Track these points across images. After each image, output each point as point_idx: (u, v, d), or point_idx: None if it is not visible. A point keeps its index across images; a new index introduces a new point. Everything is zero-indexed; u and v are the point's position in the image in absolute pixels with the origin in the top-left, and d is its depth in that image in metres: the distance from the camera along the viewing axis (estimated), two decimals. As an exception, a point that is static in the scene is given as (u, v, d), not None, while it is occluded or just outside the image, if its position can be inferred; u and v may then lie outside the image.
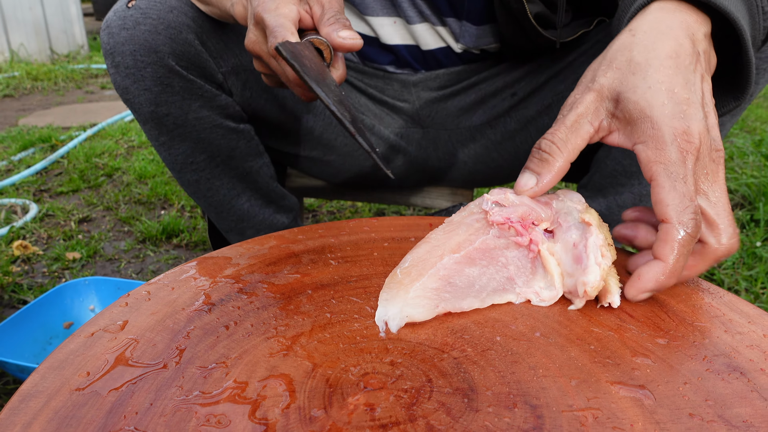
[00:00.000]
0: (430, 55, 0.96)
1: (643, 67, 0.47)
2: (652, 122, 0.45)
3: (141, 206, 1.90)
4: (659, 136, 0.45)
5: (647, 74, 0.47)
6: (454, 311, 0.46)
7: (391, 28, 0.93)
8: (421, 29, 0.92)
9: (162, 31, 0.77)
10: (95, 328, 0.43)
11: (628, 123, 0.47)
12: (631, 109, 0.46)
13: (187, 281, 0.50)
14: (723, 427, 0.34)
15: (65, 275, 1.48)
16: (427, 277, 0.46)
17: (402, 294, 0.45)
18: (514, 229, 0.48)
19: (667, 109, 0.45)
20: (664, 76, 0.47)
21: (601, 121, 0.48)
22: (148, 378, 0.38)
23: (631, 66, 0.48)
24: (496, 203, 0.49)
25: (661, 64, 0.47)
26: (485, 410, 0.36)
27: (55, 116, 3.10)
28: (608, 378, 0.39)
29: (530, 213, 0.48)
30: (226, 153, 0.89)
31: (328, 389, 0.38)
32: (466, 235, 0.48)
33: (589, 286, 0.45)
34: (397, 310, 0.44)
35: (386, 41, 0.95)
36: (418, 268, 0.47)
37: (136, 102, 0.81)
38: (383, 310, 0.45)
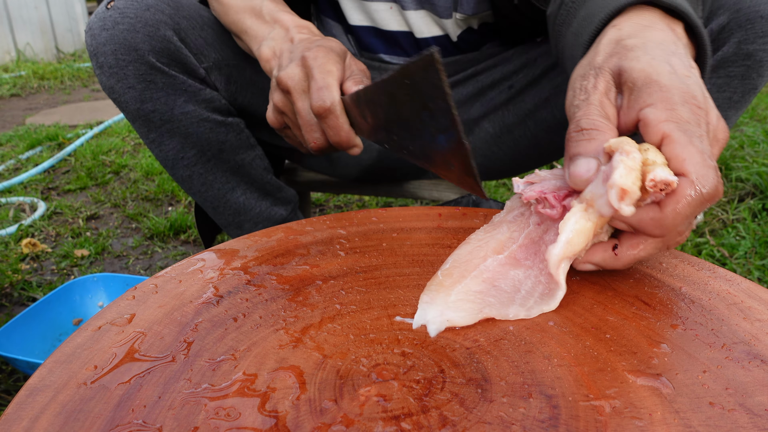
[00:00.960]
0: (425, 43, 0.95)
1: (640, 47, 0.46)
2: (660, 85, 0.43)
3: (148, 203, 1.90)
4: (669, 97, 0.42)
5: (646, 49, 0.45)
6: (498, 318, 0.43)
7: (388, 14, 0.93)
8: (415, 16, 0.92)
9: (140, 29, 0.79)
10: (102, 322, 0.43)
11: (632, 90, 0.44)
12: (635, 77, 0.44)
13: (195, 274, 0.50)
14: (744, 415, 0.34)
15: (74, 272, 1.48)
16: (470, 279, 0.44)
17: (443, 296, 0.43)
18: (547, 202, 0.46)
19: (674, 77, 0.43)
20: (663, 53, 0.45)
21: (617, 100, 0.46)
22: (156, 371, 0.38)
23: (627, 50, 0.46)
24: (527, 182, 0.48)
25: (657, 45, 0.46)
26: (499, 400, 0.35)
27: (62, 115, 3.10)
28: (625, 367, 0.38)
29: (563, 185, 0.46)
30: (216, 147, 0.90)
31: (339, 381, 0.37)
32: (509, 234, 0.47)
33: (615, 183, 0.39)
34: (437, 313, 0.42)
35: (383, 27, 0.94)
36: (459, 270, 0.45)
37: (122, 100, 0.82)
38: (422, 313, 0.43)
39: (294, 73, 0.64)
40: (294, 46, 0.69)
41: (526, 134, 0.98)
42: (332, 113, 0.62)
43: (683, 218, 0.41)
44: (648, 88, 0.43)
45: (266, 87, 0.94)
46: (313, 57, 0.64)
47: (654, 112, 0.42)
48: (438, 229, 0.58)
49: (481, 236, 0.48)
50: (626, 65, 0.45)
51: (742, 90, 0.78)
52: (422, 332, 0.42)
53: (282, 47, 0.71)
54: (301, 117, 0.66)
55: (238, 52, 0.90)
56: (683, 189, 0.40)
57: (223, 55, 0.89)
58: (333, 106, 0.62)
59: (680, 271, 0.49)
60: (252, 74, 0.92)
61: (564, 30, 0.61)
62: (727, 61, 0.76)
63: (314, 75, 0.63)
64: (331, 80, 0.62)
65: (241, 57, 0.91)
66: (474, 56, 0.98)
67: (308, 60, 0.64)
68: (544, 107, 0.94)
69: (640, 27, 0.49)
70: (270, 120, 0.71)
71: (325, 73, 0.63)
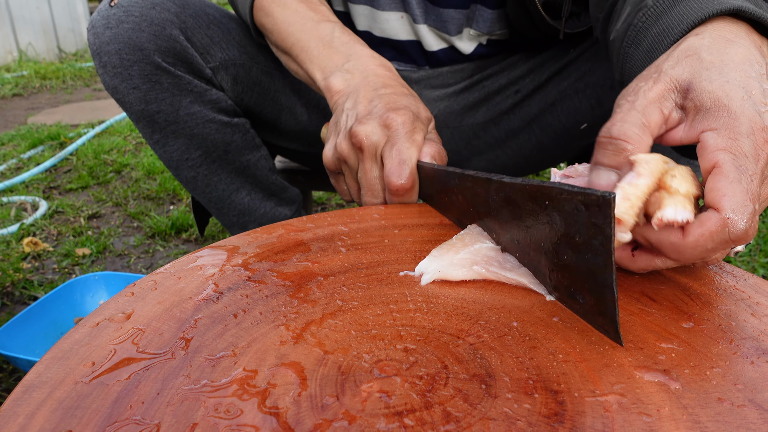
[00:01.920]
0: (433, 57, 0.95)
1: (717, 65, 0.42)
2: (729, 111, 0.40)
3: (150, 202, 1.89)
4: (735, 125, 0.39)
5: (723, 70, 0.42)
6: (493, 279, 0.47)
7: (398, 23, 0.92)
8: (424, 29, 0.91)
9: (145, 29, 0.77)
10: (100, 318, 0.42)
11: (698, 111, 0.42)
12: (704, 98, 0.41)
13: (194, 270, 0.49)
14: (754, 411, 0.33)
15: (75, 271, 1.48)
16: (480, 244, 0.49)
17: (451, 255, 0.47)
18: None
19: (747, 103, 0.40)
20: (741, 76, 0.42)
21: (671, 111, 0.43)
22: (154, 367, 0.37)
23: (704, 62, 0.43)
24: (564, 176, 0.48)
25: (736, 66, 0.42)
26: (504, 396, 0.34)
27: (64, 114, 3.11)
28: (632, 363, 0.37)
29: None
30: (222, 148, 0.88)
31: (341, 377, 0.36)
32: None
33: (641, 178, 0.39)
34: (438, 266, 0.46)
35: (393, 37, 0.93)
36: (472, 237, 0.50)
37: (126, 101, 0.81)
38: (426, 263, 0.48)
39: (373, 133, 0.60)
40: (376, 94, 0.64)
41: (531, 139, 0.97)
42: (408, 192, 0.59)
43: (703, 251, 0.39)
44: (716, 112, 0.41)
45: (273, 87, 0.93)
46: (400, 122, 0.60)
47: (714, 138, 0.40)
48: (440, 226, 0.57)
49: None
50: (697, 84, 0.42)
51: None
52: (425, 328, 0.41)
53: (358, 85, 0.67)
54: (366, 179, 0.63)
55: (244, 51, 0.89)
56: (712, 223, 0.38)
57: (230, 55, 0.87)
58: (413, 186, 0.59)
59: (686, 267, 0.48)
60: (258, 74, 0.91)
61: (632, 51, 0.57)
62: None
63: (397, 144, 0.59)
64: (414, 153, 0.59)
65: (247, 56, 0.89)
66: (482, 63, 0.97)
67: (393, 123, 0.60)
68: (550, 112, 0.93)
69: (722, 41, 0.45)
70: (327, 160, 0.67)
71: (409, 143, 0.59)
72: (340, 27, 0.75)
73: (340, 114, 0.67)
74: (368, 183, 0.63)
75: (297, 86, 0.96)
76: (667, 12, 0.51)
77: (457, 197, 0.54)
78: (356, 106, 0.65)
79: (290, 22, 0.76)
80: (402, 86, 0.68)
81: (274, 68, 0.92)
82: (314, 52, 0.73)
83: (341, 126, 0.66)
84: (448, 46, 0.93)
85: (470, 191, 0.50)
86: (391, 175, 0.59)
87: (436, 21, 0.89)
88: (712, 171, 0.39)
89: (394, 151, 0.59)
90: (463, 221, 0.54)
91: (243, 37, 0.89)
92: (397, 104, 0.62)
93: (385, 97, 0.64)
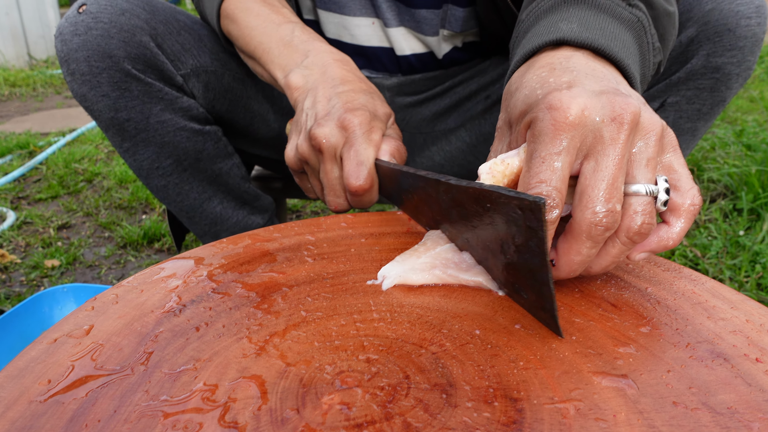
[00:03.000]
0: (405, 61, 0.95)
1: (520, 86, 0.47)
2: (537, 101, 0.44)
3: (122, 211, 1.87)
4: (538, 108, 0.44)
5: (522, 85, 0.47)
6: (454, 283, 0.48)
7: (369, 29, 0.92)
8: (397, 33, 0.91)
9: (115, 35, 0.76)
10: (58, 334, 0.42)
11: (517, 123, 0.46)
12: (520, 108, 0.46)
13: (157, 283, 0.48)
14: (707, 414, 0.34)
15: (44, 283, 1.45)
16: (441, 248, 0.50)
17: (413, 259, 0.49)
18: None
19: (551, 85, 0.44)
20: (535, 82, 0.46)
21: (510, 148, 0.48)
22: (112, 384, 0.37)
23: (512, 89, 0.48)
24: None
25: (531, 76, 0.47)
26: (464, 405, 0.34)
27: (34, 122, 3.05)
28: (590, 368, 0.37)
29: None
30: (194, 156, 0.87)
31: (302, 389, 0.36)
32: None
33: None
34: (399, 271, 0.48)
35: (363, 43, 0.93)
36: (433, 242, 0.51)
37: (95, 109, 0.79)
38: (388, 268, 0.49)
39: (331, 135, 0.61)
40: (334, 92, 0.65)
41: None
42: (368, 192, 0.60)
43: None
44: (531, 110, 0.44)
45: (245, 94, 0.92)
46: (357, 123, 0.60)
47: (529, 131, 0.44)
48: (407, 234, 0.57)
49: None
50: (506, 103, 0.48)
51: (711, 102, 0.78)
52: (388, 338, 0.41)
53: (317, 81, 0.67)
54: (327, 179, 0.63)
55: (216, 58, 0.88)
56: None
57: (201, 62, 0.86)
58: (372, 186, 0.60)
59: (647, 272, 0.49)
60: (230, 81, 0.90)
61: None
62: (696, 74, 0.76)
63: (354, 145, 0.59)
64: (371, 153, 0.60)
65: (219, 63, 0.88)
66: (454, 70, 0.98)
67: (350, 125, 0.60)
68: None
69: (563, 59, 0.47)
70: (288, 159, 0.68)
71: (366, 144, 0.59)
72: (301, 26, 0.75)
73: (300, 113, 0.67)
74: (329, 184, 0.64)
75: (269, 93, 0.96)
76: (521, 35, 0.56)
77: (412, 197, 0.55)
78: (315, 105, 0.65)
79: (253, 26, 0.76)
80: (360, 81, 0.69)
81: (246, 75, 0.92)
82: (275, 52, 0.73)
83: (301, 126, 0.66)
84: (421, 52, 0.94)
85: (423, 191, 0.51)
86: (349, 177, 0.60)
87: (410, 22, 0.90)
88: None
89: (351, 153, 0.60)
90: (421, 220, 0.56)
91: (214, 43, 0.89)
92: (354, 103, 0.63)
93: (343, 96, 0.64)
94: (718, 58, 0.74)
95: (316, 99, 0.66)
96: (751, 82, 3.30)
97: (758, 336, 0.41)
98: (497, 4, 0.82)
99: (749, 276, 1.31)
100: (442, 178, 0.46)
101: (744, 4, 0.73)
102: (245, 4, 0.78)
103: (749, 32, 0.73)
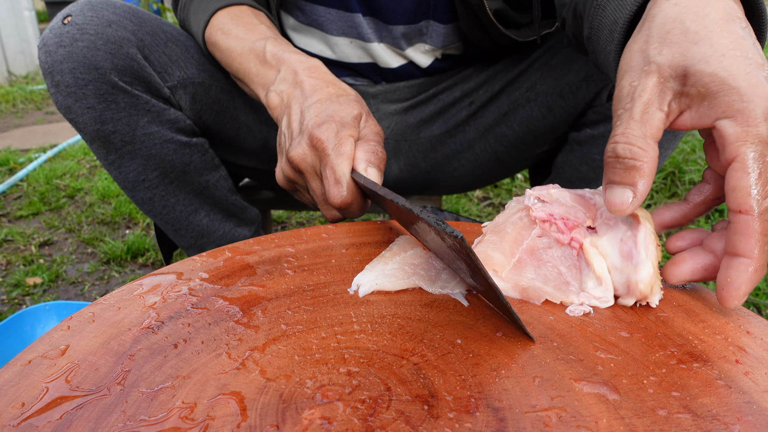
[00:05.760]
0: (390, 73, 0.95)
1: (704, 36, 0.41)
2: (739, 94, 0.39)
3: (105, 226, 1.85)
4: (750, 110, 0.39)
5: (713, 42, 0.40)
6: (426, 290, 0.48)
7: (348, 48, 0.92)
8: (378, 48, 0.91)
9: (101, 47, 0.75)
10: (33, 355, 0.41)
11: (704, 98, 0.40)
12: (708, 82, 0.40)
13: (135, 300, 0.48)
14: (689, 418, 0.34)
15: (26, 301, 1.42)
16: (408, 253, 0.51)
17: (381, 265, 0.50)
18: (555, 226, 0.47)
19: (753, 78, 0.39)
20: (732, 42, 0.40)
21: (670, 103, 0.42)
22: (88, 405, 0.36)
23: (689, 36, 0.41)
24: (539, 199, 0.48)
25: (723, 29, 0.41)
26: (446, 416, 0.34)
27: (14, 139, 3.01)
28: (572, 375, 0.37)
29: (573, 212, 0.47)
30: (180, 168, 0.86)
31: (282, 405, 0.36)
32: (514, 235, 0.49)
33: (643, 284, 0.42)
34: (371, 277, 0.48)
35: (345, 60, 0.93)
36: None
37: (80, 121, 0.78)
38: (360, 276, 0.49)
39: (305, 155, 0.62)
40: (306, 106, 0.66)
41: (487, 149, 0.99)
42: (351, 205, 0.61)
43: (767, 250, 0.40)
44: (725, 96, 0.39)
45: (232, 105, 0.92)
46: (324, 138, 0.61)
47: (732, 127, 0.39)
48: (388, 243, 0.57)
49: (493, 238, 0.50)
50: (693, 68, 0.40)
51: None
52: (369, 350, 0.41)
53: (290, 97, 0.68)
54: (315, 195, 0.65)
55: (203, 69, 0.88)
56: (752, 227, 0.39)
57: (188, 73, 0.86)
58: (353, 199, 0.61)
59: (627, 275, 0.49)
60: (217, 92, 0.90)
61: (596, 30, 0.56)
62: None
63: (328, 163, 0.60)
64: (345, 168, 0.60)
65: (206, 75, 0.88)
66: (438, 78, 0.98)
67: (319, 142, 0.61)
68: (504, 122, 0.95)
69: (698, 1, 0.43)
70: (280, 183, 0.69)
71: (338, 160, 0.60)
72: (273, 40, 0.76)
73: (280, 135, 0.69)
74: (319, 199, 0.65)
75: (255, 104, 0.96)
76: None
77: (387, 207, 0.56)
78: (290, 125, 0.66)
79: (232, 48, 0.77)
80: (328, 85, 0.69)
81: (233, 86, 0.92)
82: (254, 71, 0.75)
83: (283, 148, 0.67)
84: (407, 62, 0.94)
85: (390, 205, 0.52)
86: (330, 196, 0.61)
87: (388, 38, 0.90)
88: (732, 164, 0.39)
89: (327, 172, 0.61)
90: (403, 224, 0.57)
91: (201, 55, 0.88)
92: (321, 116, 0.63)
93: (312, 109, 0.65)
94: None
95: (291, 118, 0.67)
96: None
97: (738, 337, 0.41)
98: (481, 20, 0.82)
99: (732, 276, 1.32)
100: (395, 199, 0.48)
101: None
102: (224, 27, 0.79)
103: None
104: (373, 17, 0.88)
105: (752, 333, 0.41)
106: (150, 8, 4.05)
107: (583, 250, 0.45)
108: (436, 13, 0.86)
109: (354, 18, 0.89)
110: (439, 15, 0.86)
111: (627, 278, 0.44)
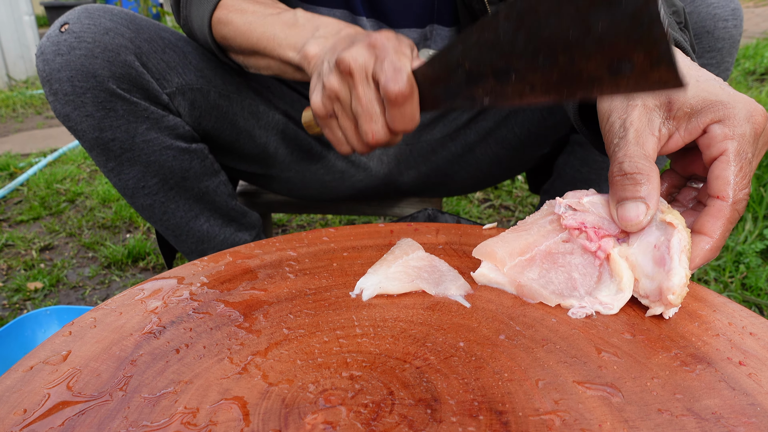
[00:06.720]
0: None
1: None
2: (723, 104, 0.45)
3: (105, 230, 1.84)
4: (734, 114, 0.44)
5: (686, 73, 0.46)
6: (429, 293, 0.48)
7: None
8: None
9: (99, 55, 0.74)
10: (35, 361, 0.41)
11: (691, 116, 0.46)
12: (693, 103, 0.45)
13: (136, 305, 0.48)
14: (693, 420, 0.33)
15: (27, 306, 1.42)
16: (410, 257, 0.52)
17: (384, 269, 0.50)
18: (585, 234, 0.47)
19: (729, 91, 0.45)
20: (696, 72, 0.47)
21: (660, 128, 0.47)
22: (90, 411, 0.36)
23: None
24: (570, 207, 0.48)
25: (689, 65, 0.48)
26: (449, 420, 0.34)
27: (14, 143, 3.01)
28: (575, 377, 0.37)
29: (606, 222, 0.47)
30: (180, 174, 0.86)
31: (284, 409, 0.36)
32: (537, 237, 0.49)
33: (673, 292, 0.42)
34: (375, 281, 0.48)
35: None
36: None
37: (79, 129, 0.78)
38: (363, 280, 0.49)
39: (359, 54, 0.57)
40: (353, 36, 0.62)
41: (487, 152, 0.99)
42: (410, 99, 0.56)
43: (726, 235, 0.45)
44: (711, 108, 0.45)
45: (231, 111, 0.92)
46: (384, 38, 0.57)
47: (720, 128, 0.44)
48: (389, 246, 0.57)
49: (510, 236, 0.50)
50: (674, 95, 0.46)
51: None
52: (372, 353, 0.41)
53: (335, 41, 0.64)
54: (361, 105, 0.59)
55: (201, 75, 0.87)
56: (723, 211, 0.44)
57: (187, 79, 0.85)
58: (412, 93, 0.56)
59: (629, 277, 0.49)
60: (216, 98, 0.90)
61: None
62: None
63: (388, 57, 0.56)
64: (406, 62, 0.56)
65: (204, 80, 0.88)
66: None
67: (379, 42, 0.57)
68: (504, 125, 0.95)
69: None
70: (316, 107, 0.63)
71: (399, 55, 0.56)
72: (302, 10, 0.74)
73: (321, 65, 0.63)
74: (365, 108, 0.59)
75: (255, 109, 0.96)
76: None
77: (463, 63, 0.50)
78: (335, 48, 0.62)
79: (251, 22, 0.75)
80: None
81: (232, 91, 0.92)
82: (281, 36, 0.71)
83: (324, 70, 0.62)
84: None
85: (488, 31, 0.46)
86: (388, 83, 0.55)
87: None
88: (718, 158, 0.45)
89: (386, 64, 0.56)
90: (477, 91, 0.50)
91: (200, 60, 0.88)
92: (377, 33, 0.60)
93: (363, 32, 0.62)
94: (698, 59, 0.75)
95: (335, 46, 0.62)
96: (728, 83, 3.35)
97: (740, 339, 0.41)
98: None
99: (734, 276, 1.32)
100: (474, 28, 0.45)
101: (720, 7, 0.74)
102: (239, 6, 0.77)
103: (726, 34, 0.74)
104: (378, 20, 0.88)
105: (755, 334, 0.41)
106: (149, 12, 4.05)
107: (609, 260, 0.45)
108: (440, 17, 0.86)
109: (359, 21, 0.89)
110: (444, 18, 0.86)
111: (659, 285, 0.43)
